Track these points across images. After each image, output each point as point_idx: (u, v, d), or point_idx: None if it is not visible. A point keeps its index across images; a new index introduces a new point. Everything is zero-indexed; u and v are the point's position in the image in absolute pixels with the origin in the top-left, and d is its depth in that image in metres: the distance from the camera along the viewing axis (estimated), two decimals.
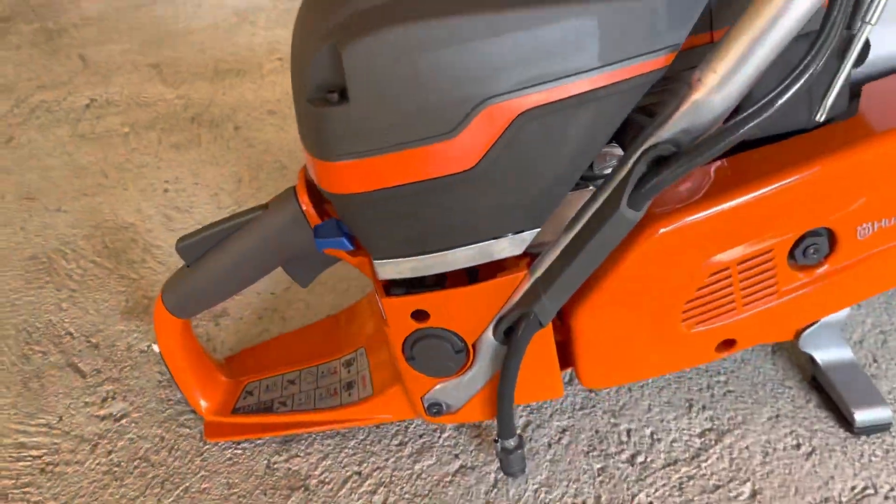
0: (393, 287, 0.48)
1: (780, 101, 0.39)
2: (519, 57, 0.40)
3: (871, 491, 0.53)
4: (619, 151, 0.47)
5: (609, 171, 0.45)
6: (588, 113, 0.41)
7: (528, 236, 0.46)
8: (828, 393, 0.60)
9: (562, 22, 0.39)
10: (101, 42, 1.36)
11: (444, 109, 0.40)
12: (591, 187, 0.48)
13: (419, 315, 0.48)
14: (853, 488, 0.53)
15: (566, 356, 0.52)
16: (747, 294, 0.49)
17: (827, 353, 0.60)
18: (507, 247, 0.46)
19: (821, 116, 0.40)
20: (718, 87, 0.40)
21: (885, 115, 0.47)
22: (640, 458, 0.57)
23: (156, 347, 0.56)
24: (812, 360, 0.60)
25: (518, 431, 0.57)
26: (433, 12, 0.39)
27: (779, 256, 0.48)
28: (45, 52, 1.32)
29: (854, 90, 0.50)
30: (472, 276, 0.49)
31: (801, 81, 0.39)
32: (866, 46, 0.45)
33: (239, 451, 0.59)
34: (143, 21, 1.45)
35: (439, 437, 0.59)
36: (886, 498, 0.52)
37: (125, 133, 1.05)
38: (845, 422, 0.58)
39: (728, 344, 0.52)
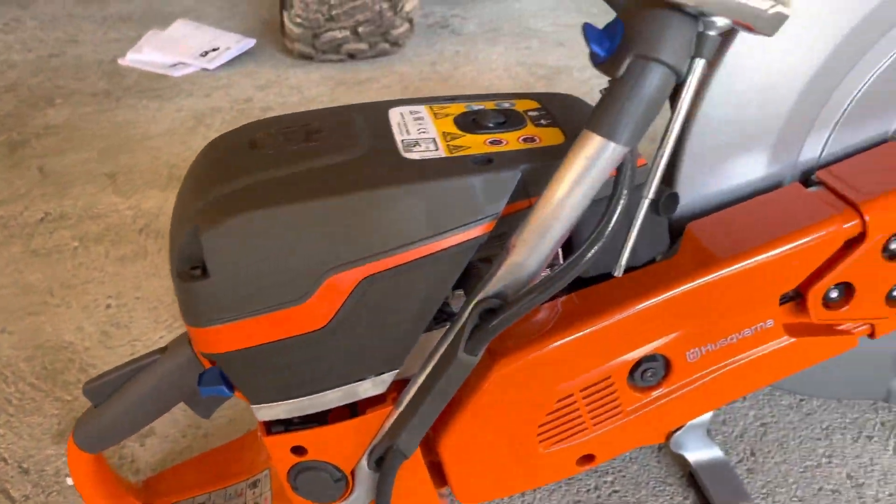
0: (273, 425, 0.53)
1: (584, 261, 0.45)
2: (356, 234, 0.45)
3: None
4: None
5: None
6: (424, 273, 0.47)
7: (388, 377, 0.51)
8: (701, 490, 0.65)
9: (392, 202, 0.45)
10: (62, 151, 1.44)
11: (292, 281, 0.46)
12: (447, 325, 0.54)
13: (298, 450, 0.53)
14: None
15: (442, 475, 0.57)
16: (594, 415, 0.54)
17: (696, 454, 0.65)
18: (371, 387, 0.51)
19: (619, 272, 0.46)
20: (528, 250, 0.45)
21: (700, 254, 0.53)
22: None
23: (69, 481, 0.60)
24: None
25: None
26: (277, 199, 0.45)
27: (619, 381, 0.54)
28: (7, 165, 1.39)
29: (677, 230, 0.56)
30: (353, 408, 0.55)
31: (601, 242, 0.45)
32: (674, 199, 0.52)
33: None
34: (105, 127, 1.53)
35: None
36: None
37: (74, 247, 1.11)
38: None
39: (588, 458, 0.57)
